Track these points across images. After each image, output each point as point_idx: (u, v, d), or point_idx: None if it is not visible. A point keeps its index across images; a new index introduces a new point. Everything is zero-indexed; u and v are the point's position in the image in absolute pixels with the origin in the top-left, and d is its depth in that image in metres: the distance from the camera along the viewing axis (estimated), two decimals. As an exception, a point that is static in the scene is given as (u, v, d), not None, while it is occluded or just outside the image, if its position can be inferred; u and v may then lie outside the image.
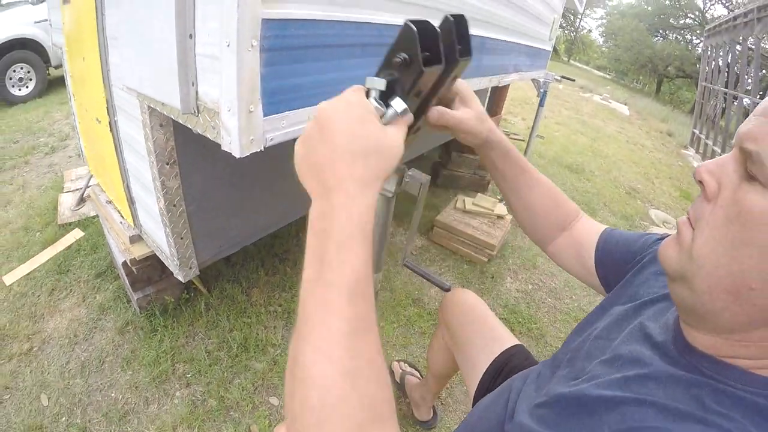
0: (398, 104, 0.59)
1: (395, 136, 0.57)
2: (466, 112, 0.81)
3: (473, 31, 1.75)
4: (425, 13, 1.34)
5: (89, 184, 2.97)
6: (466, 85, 0.81)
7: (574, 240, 0.99)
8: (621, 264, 0.88)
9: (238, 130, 0.84)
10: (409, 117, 0.61)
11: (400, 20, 1.17)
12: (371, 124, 0.55)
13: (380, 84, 0.59)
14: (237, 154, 0.87)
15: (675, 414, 0.51)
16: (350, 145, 0.52)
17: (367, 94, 0.60)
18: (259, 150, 0.90)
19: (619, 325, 0.76)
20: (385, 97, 0.60)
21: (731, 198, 0.52)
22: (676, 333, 0.62)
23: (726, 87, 9.32)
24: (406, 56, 0.58)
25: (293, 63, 0.91)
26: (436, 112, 0.76)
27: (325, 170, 0.53)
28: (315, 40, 0.94)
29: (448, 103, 0.81)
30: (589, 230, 0.98)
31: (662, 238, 0.82)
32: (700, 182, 0.56)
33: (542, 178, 0.98)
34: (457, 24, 0.65)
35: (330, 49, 1.00)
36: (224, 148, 0.90)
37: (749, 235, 0.49)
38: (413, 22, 0.56)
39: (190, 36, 0.93)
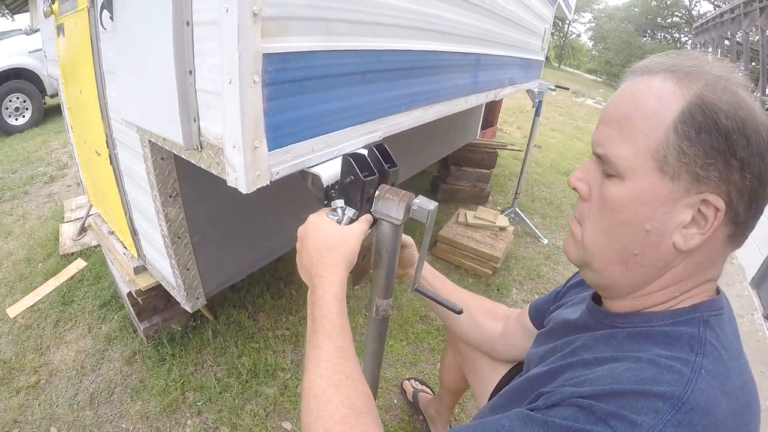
0: (349, 211, 0.91)
1: (354, 230, 0.86)
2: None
3: (468, 49, 1.77)
4: (423, 35, 1.35)
5: (90, 214, 2.96)
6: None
7: (516, 322, 1.17)
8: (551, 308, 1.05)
9: (243, 166, 0.83)
10: (368, 217, 0.92)
11: (398, 45, 1.19)
12: (326, 229, 0.85)
13: (340, 202, 0.93)
14: (244, 191, 0.86)
15: (595, 362, 0.63)
16: (316, 245, 0.84)
17: (336, 211, 0.92)
18: (265, 185, 0.89)
19: (554, 330, 0.89)
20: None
21: (598, 194, 0.66)
22: (590, 308, 0.77)
23: (718, 83, 9.31)
24: (352, 177, 0.90)
25: (296, 96, 0.91)
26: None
27: (308, 267, 0.84)
28: (316, 72, 0.94)
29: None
30: (519, 312, 1.18)
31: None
32: (575, 188, 0.70)
33: (462, 289, 1.28)
34: (380, 149, 1.02)
35: (331, 79, 0.99)
36: (230, 183, 0.89)
37: (618, 218, 0.63)
38: (348, 155, 0.92)
39: (190, 72, 0.93)
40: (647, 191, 0.59)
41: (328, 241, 0.83)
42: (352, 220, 0.90)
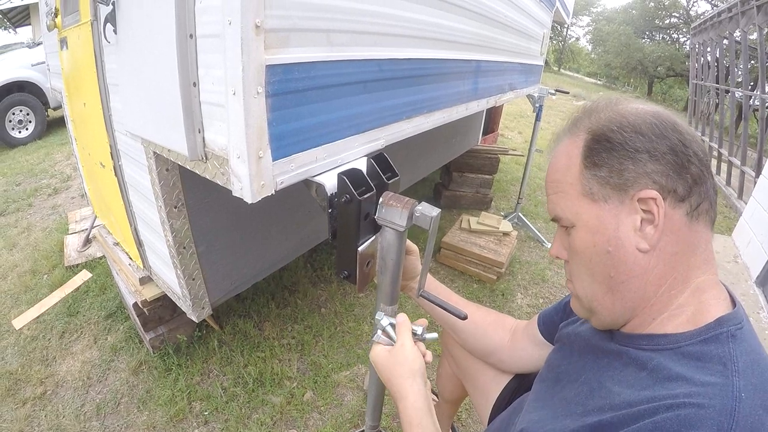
0: (384, 322, 0.98)
1: (401, 346, 0.93)
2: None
3: (467, 56, 1.78)
4: (422, 43, 1.36)
5: (94, 225, 2.98)
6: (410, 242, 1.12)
7: (524, 334, 1.17)
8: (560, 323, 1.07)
9: (248, 176, 0.84)
10: (402, 320, 0.97)
11: (398, 54, 1.20)
12: (381, 358, 0.93)
13: (379, 316, 0.99)
14: (249, 200, 0.87)
15: (627, 406, 0.62)
16: (384, 377, 0.92)
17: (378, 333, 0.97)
18: (270, 194, 0.90)
19: (574, 350, 0.89)
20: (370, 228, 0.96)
21: (570, 250, 0.75)
22: (611, 331, 0.79)
23: (717, 82, 9.27)
24: (347, 196, 0.86)
25: (299, 106, 0.91)
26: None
27: (392, 394, 0.91)
28: (318, 82, 0.95)
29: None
30: (527, 323, 1.18)
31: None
32: (557, 257, 0.80)
33: (467, 301, 1.26)
34: (379, 159, 1.01)
35: (333, 88, 1.00)
36: (235, 194, 0.90)
37: (587, 256, 0.71)
38: (344, 173, 0.88)
39: (194, 84, 0.94)
40: (593, 222, 0.69)
41: (387, 370, 0.91)
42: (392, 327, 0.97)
